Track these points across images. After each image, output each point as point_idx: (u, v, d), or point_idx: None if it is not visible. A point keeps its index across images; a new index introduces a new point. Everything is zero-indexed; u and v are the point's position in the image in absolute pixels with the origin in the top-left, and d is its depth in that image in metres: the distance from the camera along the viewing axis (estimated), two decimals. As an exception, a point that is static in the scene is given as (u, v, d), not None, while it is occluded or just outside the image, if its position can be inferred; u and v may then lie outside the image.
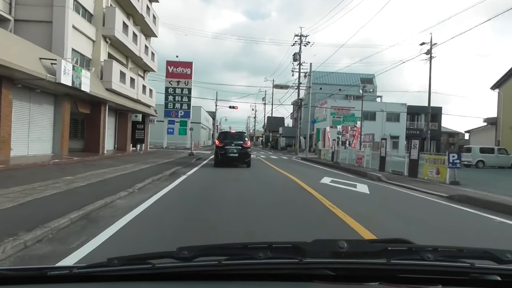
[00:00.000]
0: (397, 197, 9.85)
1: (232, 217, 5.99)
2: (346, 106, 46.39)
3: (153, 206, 6.78)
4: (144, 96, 26.59)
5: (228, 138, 17.30)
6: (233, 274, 1.20)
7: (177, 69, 42.23)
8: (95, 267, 1.23)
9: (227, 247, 1.47)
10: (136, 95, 24.25)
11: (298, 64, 41.39)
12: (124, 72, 21.68)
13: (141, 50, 24.84)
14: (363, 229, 5.25)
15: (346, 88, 53.80)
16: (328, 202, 7.63)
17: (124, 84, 21.79)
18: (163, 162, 18.50)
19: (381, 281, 1.16)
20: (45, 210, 5.53)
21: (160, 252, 1.27)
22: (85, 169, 12.25)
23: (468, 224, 6.61)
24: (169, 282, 1.19)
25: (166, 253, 1.25)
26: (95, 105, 19.60)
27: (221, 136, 17.73)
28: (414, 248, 1.31)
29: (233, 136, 17.57)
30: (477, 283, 1.21)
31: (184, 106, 42.42)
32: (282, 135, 65.24)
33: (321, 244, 1.29)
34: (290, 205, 7.46)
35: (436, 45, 41.92)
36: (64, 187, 8.16)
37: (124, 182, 9.61)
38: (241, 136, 17.52)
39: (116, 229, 4.94)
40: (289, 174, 14.89)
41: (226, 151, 16.74)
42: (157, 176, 11.58)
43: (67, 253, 3.83)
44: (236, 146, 16.82)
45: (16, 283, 1.18)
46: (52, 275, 1.20)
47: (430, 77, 42.06)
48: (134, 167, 14.34)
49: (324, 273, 1.18)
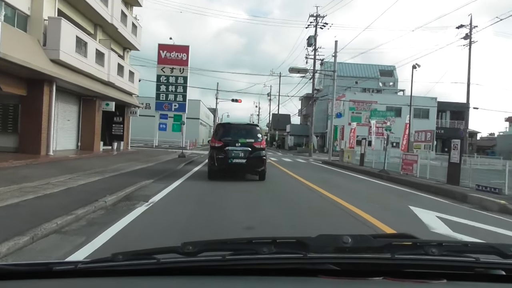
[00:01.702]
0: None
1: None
2: (367, 100, 40.05)
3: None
4: (121, 80, 20.29)
5: (231, 133, 10.98)
6: (238, 269, 1.19)
7: (171, 54, 35.87)
8: (100, 262, 1.23)
9: (231, 242, 1.40)
10: (107, 76, 17.95)
11: (313, 49, 35.07)
12: (85, 40, 15.38)
13: (114, 15, 18.50)
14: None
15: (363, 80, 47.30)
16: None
17: (85, 58, 15.50)
18: (132, 170, 12.22)
19: (385, 276, 1.15)
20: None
21: (164, 247, 1.27)
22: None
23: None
24: (174, 277, 1.18)
25: (171, 248, 1.24)
26: (34, 84, 13.34)
27: (220, 130, 11.28)
28: (418, 243, 1.31)
29: (239, 130, 11.16)
30: (482, 277, 1.19)
31: (179, 97, 36.07)
32: (290, 133, 58.97)
33: (325, 239, 1.26)
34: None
35: (476, 28, 35.79)
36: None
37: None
38: (252, 131, 11.17)
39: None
40: (344, 201, 8.48)
41: (228, 155, 10.44)
42: (76, 213, 5.27)
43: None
44: (244, 146, 10.52)
45: (21, 278, 1.17)
46: (58, 270, 1.19)
47: (469, 65, 35.50)
48: (56, 187, 8.03)
49: (329, 268, 1.17)
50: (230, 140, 10.64)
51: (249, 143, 10.57)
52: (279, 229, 5.18)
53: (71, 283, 1.18)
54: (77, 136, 18.27)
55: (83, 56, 15.32)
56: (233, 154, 10.42)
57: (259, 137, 10.88)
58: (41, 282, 1.17)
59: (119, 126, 22.86)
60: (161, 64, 35.73)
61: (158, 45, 36.05)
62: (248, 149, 10.49)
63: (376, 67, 51.79)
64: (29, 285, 1.17)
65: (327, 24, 35.16)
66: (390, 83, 52.61)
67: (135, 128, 44.84)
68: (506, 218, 7.13)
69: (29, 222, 4.44)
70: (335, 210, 6.93)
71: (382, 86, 51.26)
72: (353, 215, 6.39)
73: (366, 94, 42.34)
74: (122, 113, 22.84)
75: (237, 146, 10.48)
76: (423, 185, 11.97)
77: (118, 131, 22.86)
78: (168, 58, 35.74)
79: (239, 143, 10.51)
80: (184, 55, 35.99)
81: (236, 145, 10.49)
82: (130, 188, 7.95)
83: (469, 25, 35.59)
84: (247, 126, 11.53)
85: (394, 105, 40.64)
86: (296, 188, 10.25)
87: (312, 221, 5.93)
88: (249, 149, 10.50)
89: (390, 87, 51.84)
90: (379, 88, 49.40)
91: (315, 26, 35.35)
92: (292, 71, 22.87)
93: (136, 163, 14.92)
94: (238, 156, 10.43)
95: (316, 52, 34.80)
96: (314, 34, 35.09)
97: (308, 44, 35.42)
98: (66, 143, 17.22)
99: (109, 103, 18.57)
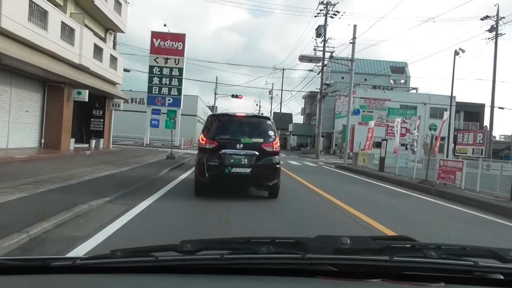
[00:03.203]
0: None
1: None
2: (379, 98, 36.65)
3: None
4: (100, 65, 16.89)
5: (229, 129, 7.51)
6: (236, 268, 1.18)
7: (165, 43, 32.43)
8: (98, 258, 1.22)
9: (230, 241, 1.42)
10: (78, 57, 14.56)
11: (322, 40, 31.66)
12: (44, 8, 11.97)
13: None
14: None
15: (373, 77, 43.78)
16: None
17: (45, 32, 12.12)
18: (91, 179, 8.81)
19: (383, 278, 1.14)
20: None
21: (163, 245, 1.24)
22: None
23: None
24: (172, 275, 1.17)
25: (169, 246, 1.23)
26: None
27: (214, 124, 7.69)
28: (417, 246, 1.30)
29: (242, 125, 7.62)
30: (480, 281, 1.18)
31: (174, 91, 32.64)
32: (293, 133, 55.65)
33: (324, 240, 1.25)
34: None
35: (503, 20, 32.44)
36: None
37: None
38: (260, 127, 7.58)
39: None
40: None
41: (224, 162, 7.00)
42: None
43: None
44: (248, 149, 7.06)
45: (19, 273, 1.15)
46: (55, 266, 1.17)
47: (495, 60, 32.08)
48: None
49: (327, 269, 1.16)
50: (228, 140, 7.22)
51: (256, 145, 7.14)
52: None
53: (69, 279, 1.17)
54: (40, 131, 14.84)
55: (41, 28, 11.93)
56: (232, 160, 7.00)
57: (271, 135, 7.41)
58: (39, 278, 1.16)
59: (98, 121, 19.42)
60: (154, 53, 32.33)
61: (151, 32, 32.63)
62: (254, 153, 7.07)
63: (386, 63, 48.29)
64: (26, 280, 1.15)
65: (339, 13, 31.79)
66: (402, 81, 49.11)
67: (125, 125, 41.57)
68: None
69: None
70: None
71: (393, 83, 47.79)
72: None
73: (379, 91, 38.93)
74: (102, 105, 19.41)
75: (238, 149, 7.05)
76: (484, 203, 8.66)
77: (98, 126, 19.42)
78: (162, 47, 32.31)
79: (242, 144, 7.08)
80: (179, 44, 32.55)
81: (236, 147, 7.07)
82: (53, 220, 4.54)
83: (495, 16, 32.34)
84: (254, 119, 7.95)
85: (409, 103, 37.30)
86: (327, 213, 6.84)
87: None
88: (256, 153, 7.07)
89: (401, 85, 48.36)
90: (390, 85, 45.93)
91: (325, 15, 31.94)
92: (303, 59, 19.52)
93: (106, 166, 11.53)
94: (239, 163, 7.00)
95: (326, 43, 31.49)
96: (324, 24, 31.68)
97: (317, 34, 31.97)
98: (24, 140, 13.80)
99: (81, 92, 15.13)
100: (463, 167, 12.48)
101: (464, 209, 8.41)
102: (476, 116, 46.98)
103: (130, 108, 44.30)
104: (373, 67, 47.18)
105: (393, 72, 47.92)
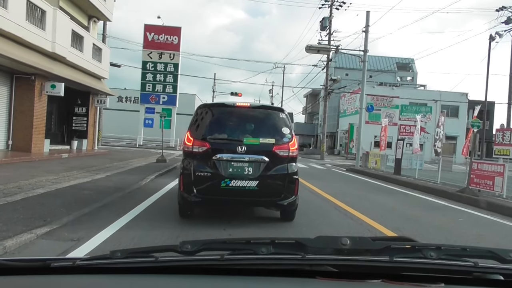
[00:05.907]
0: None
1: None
2: (387, 95, 34.50)
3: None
4: (80, 56, 14.79)
5: (228, 125, 5.33)
6: (235, 269, 1.16)
7: (159, 37, 30.31)
8: (98, 259, 1.21)
9: (230, 242, 1.41)
10: (50, 44, 12.45)
11: (327, 34, 29.67)
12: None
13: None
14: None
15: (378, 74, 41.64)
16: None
17: (5, 10, 10.03)
18: (45, 192, 6.70)
19: (383, 278, 1.12)
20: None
21: (163, 245, 1.24)
22: None
23: None
24: (172, 276, 1.16)
25: (169, 247, 1.22)
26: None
27: (205, 118, 5.44)
28: (417, 246, 1.29)
29: (244, 119, 5.41)
30: (480, 282, 1.17)
31: (169, 88, 30.51)
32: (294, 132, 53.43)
33: (324, 241, 1.24)
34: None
35: (520, 11, 30.35)
36: None
37: None
38: (270, 121, 5.41)
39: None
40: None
41: (220, 171, 4.90)
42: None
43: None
44: (254, 153, 4.96)
45: (19, 274, 1.14)
46: (56, 267, 1.16)
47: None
48: None
49: (327, 270, 1.15)
50: (225, 140, 5.12)
51: (265, 147, 5.03)
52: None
53: (69, 279, 1.16)
54: (7, 131, 12.71)
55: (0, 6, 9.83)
56: (231, 169, 4.89)
57: (286, 133, 5.29)
58: (39, 278, 1.14)
59: (81, 119, 17.29)
60: (148, 48, 30.18)
61: (144, 25, 30.56)
62: (262, 159, 4.96)
63: (392, 59, 46.21)
64: (27, 280, 1.14)
65: (345, 4, 29.74)
66: (408, 78, 47.03)
67: (119, 125, 39.56)
68: None
69: None
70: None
71: (400, 80, 45.69)
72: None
73: (386, 88, 36.78)
74: (85, 102, 17.29)
75: (239, 153, 4.94)
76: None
77: (81, 125, 17.29)
78: (156, 41, 30.18)
79: (244, 147, 4.97)
80: (175, 38, 30.43)
81: (237, 150, 4.95)
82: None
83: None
84: (261, 112, 5.66)
85: (418, 100, 35.20)
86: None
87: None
88: (265, 158, 4.96)
89: (408, 82, 46.27)
90: (396, 82, 43.80)
91: (330, 6, 29.94)
92: (310, 50, 17.44)
93: (79, 173, 9.43)
94: (241, 173, 4.90)
95: (331, 36, 29.48)
96: (329, 15, 29.70)
97: (322, 27, 30.02)
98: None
99: (55, 85, 12.99)
100: (505, 171, 10.52)
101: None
102: (487, 113, 45.02)
103: (124, 107, 42.22)
104: (378, 63, 45.08)
105: (399, 69, 45.85)
